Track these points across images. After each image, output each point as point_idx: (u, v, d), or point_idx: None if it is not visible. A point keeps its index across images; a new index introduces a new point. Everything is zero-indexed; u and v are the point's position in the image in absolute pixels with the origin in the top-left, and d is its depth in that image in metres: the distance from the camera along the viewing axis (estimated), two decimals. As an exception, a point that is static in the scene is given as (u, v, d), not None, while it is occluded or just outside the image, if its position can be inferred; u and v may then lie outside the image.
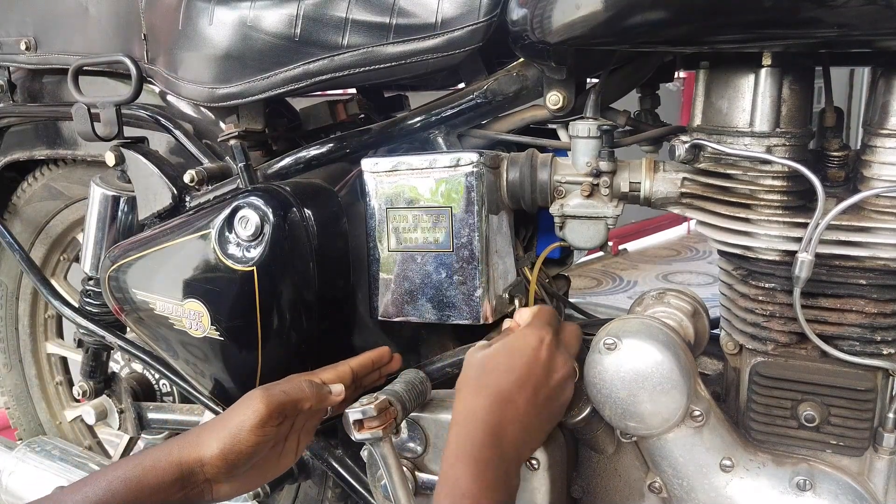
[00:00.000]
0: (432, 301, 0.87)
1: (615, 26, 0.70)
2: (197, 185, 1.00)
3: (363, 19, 0.87)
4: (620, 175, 0.82)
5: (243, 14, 0.92)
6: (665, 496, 0.81)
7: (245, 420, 0.77)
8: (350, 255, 0.92)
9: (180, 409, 1.27)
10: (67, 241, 1.50)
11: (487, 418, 0.71)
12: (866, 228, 0.70)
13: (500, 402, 0.72)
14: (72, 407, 1.64)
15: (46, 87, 1.27)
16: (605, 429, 0.82)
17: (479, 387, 0.74)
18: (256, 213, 0.85)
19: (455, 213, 0.83)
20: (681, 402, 0.74)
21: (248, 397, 0.79)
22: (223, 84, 0.95)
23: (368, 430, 0.74)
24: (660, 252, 4.66)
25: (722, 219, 0.75)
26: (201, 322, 0.90)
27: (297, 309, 0.88)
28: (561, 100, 0.85)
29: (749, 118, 0.74)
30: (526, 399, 0.73)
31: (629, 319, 0.78)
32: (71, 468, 1.27)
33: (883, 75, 0.71)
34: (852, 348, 0.73)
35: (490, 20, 0.81)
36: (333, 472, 1.04)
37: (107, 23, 1.09)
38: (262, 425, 0.77)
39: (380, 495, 0.85)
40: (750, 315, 0.76)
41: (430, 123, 0.93)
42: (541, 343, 0.76)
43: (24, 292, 1.59)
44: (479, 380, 0.75)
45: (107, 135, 1.02)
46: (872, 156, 0.71)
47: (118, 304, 1.01)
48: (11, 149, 1.35)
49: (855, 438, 0.74)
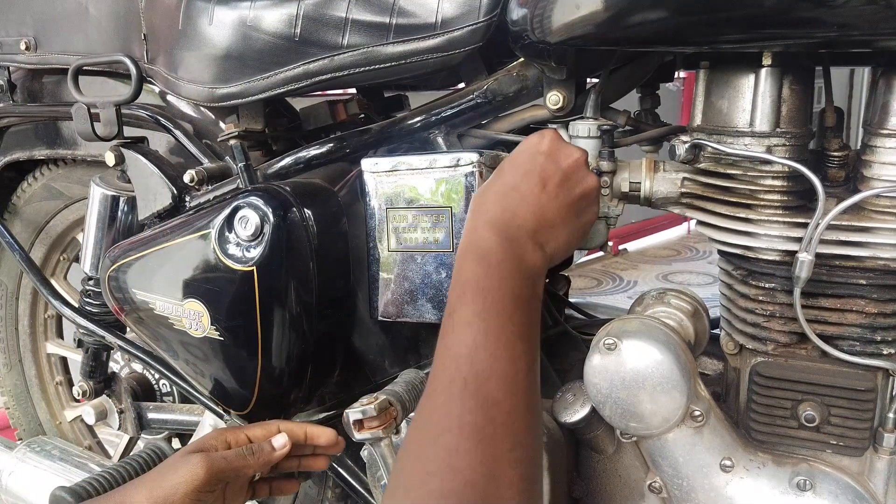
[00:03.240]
0: (432, 301, 0.87)
1: (615, 26, 0.70)
2: (197, 185, 1.00)
3: (363, 19, 0.87)
4: (620, 175, 0.81)
5: (243, 14, 0.92)
6: (665, 496, 0.81)
7: (181, 483, 0.75)
8: (350, 255, 0.92)
9: (180, 409, 1.27)
10: (67, 241, 1.50)
11: (491, 210, 0.69)
12: (866, 228, 0.70)
13: (503, 192, 0.70)
14: (72, 407, 1.64)
15: (46, 87, 1.27)
16: (605, 429, 0.82)
17: (483, 190, 0.73)
18: (256, 213, 0.86)
19: (455, 213, 0.83)
20: (681, 402, 0.74)
21: (187, 460, 0.77)
22: (223, 84, 0.95)
23: (368, 430, 0.74)
24: (660, 252, 4.66)
25: (722, 219, 0.75)
26: (201, 322, 0.91)
27: (297, 309, 0.88)
28: (561, 100, 0.85)
29: (749, 118, 0.74)
30: (532, 185, 0.71)
31: (629, 319, 0.78)
32: (71, 468, 1.27)
33: (883, 75, 0.71)
34: (852, 348, 0.73)
35: (490, 20, 0.81)
36: (333, 472, 1.04)
37: (107, 23, 1.09)
38: (198, 490, 0.75)
39: (380, 495, 0.85)
40: (750, 315, 0.76)
41: (430, 123, 0.93)
42: (541, 137, 0.74)
43: (24, 292, 1.59)
44: (485, 186, 0.74)
45: (107, 135, 1.02)
46: (872, 156, 0.71)
47: (118, 304, 1.01)
48: (11, 149, 1.35)
49: (855, 438, 0.74)
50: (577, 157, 0.75)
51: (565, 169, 0.73)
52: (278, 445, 0.83)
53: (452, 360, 0.61)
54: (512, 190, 0.71)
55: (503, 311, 0.63)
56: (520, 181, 0.71)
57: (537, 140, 0.75)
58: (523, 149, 0.75)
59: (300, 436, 0.87)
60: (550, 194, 0.71)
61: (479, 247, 0.67)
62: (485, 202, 0.71)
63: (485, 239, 0.67)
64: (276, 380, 0.90)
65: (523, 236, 0.68)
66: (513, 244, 0.67)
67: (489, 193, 0.72)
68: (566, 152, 0.75)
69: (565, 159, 0.74)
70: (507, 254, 0.66)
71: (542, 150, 0.74)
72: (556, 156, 0.74)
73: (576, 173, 0.74)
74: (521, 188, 0.71)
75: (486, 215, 0.69)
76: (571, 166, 0.74)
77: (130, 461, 1.06)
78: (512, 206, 0.70)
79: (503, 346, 0.61)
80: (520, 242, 0.68)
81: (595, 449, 0.85)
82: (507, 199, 0.70)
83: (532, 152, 0.74)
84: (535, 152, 0.74)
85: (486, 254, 0.66)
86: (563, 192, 0.73)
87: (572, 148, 0.76)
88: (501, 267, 0.65)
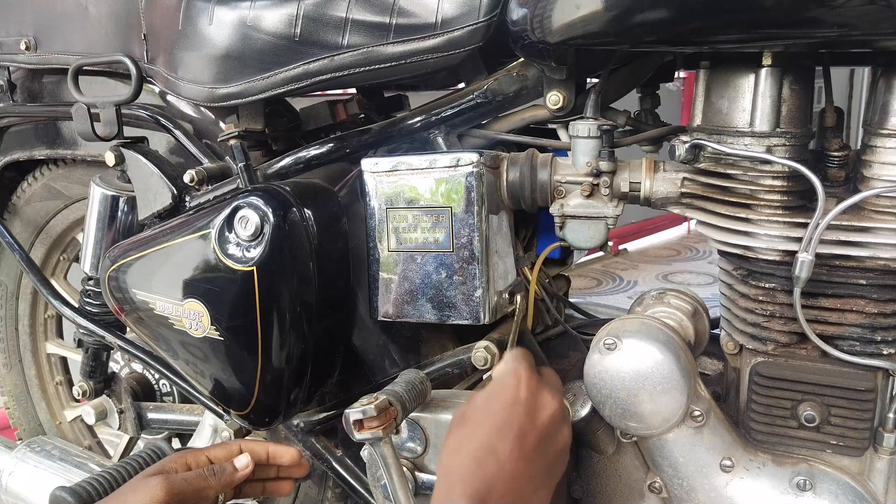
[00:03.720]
0: (432, 301, 0.87)
1: (615, 26, 0.70)
2: (197, 185, 1.00)
3: (363, 19, 0.87)
4: (620, 175, 0.82)
5: (243, 14, 0.92)
6: (665, 496, 0.81)
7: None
8: (350, 255, 0.92)
9: (180, 409, 1.27)
10: (67, 241, 1.50)
11: (468, 479, 0.65)
12: (866, 228, 0.70)
13: (480, 457, 0.66)
14: (72, 407, 1.64)
15: (46, 87, 1.27)
16: (605, 429, 0.82)
17: (457, 445, 0.68)
18: (256, 213, 0.85)
19: (455, 213, 0.83)
20: (681, 402, 0.74)
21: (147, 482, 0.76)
22: (223, 84, 0.95)
23: (368, 430, 0.73)
24: (660, 252, 4.66)
25: (722, 219, 0.75)
26: (201, 322, 0.90)
27: (297, 309, 0.88)
28: (561, 100, 0.85)
29: (749, 118, 0.74)
30: (510, 448, 0.66)
31: (629, 319, 0.78)
32: (71, 468, 1.27)
33: (883, 75, 0.71)
34: (852, 348, 0.73)
35: (490, 20, 0.81)
36: (333, 472, 1.04)
37: (107, 23, 1.09)
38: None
39: (380, 495, 0.85)
40: (750, 315, 0.76)
41: (430, 123, 0.93)
42: (518, 381, 0.71)
43: (24, 292, 1.59)
44: (459, 433, 0.69)
45: (107, 135, 1.02)
46: (872, 156, 0.71)
47: (118, 304, 1.01)
48: (11, 149, 1.35)
49: (855, 438, 0.74)
50: (552, 409, 0.71)
51: (541, 428, 0.69)
52: (240, 466, 0.82)
53: None
54: (489, 454, 0.66)
55: None
56: (497, 441, 0.67)
57: (514, 385, 0.71)
58: (500, 392, 0.71)
59: (262, 455, 0.86)
60: (527, 459, 0.67)
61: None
62: (459, 462, 0.67)
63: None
64: (276, 380, 0.90)
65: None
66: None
67: (464, 454, 0.67)
68: (543, 403, 0.71)
69: (541, 413, 0.70)
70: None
71: (519, 398, 0.70)
72: (533, 409, 0.70)
73: (552, 429, 0.71)
74: (499, 453, 0.66)
75: (463, 484, 0.65)
76: (547, 424, 0.70)
77: (130, 461, 1.05)
78: (489, 476, 0.65)
79: None
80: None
81: (595, 449, 0.85)
82: (485, 468, 0.66)
83: (509, 401, 0.69)
84: (513, 402, 0.69)
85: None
86: (539, 455, 0.69)
87: (547, 396, 0.71)
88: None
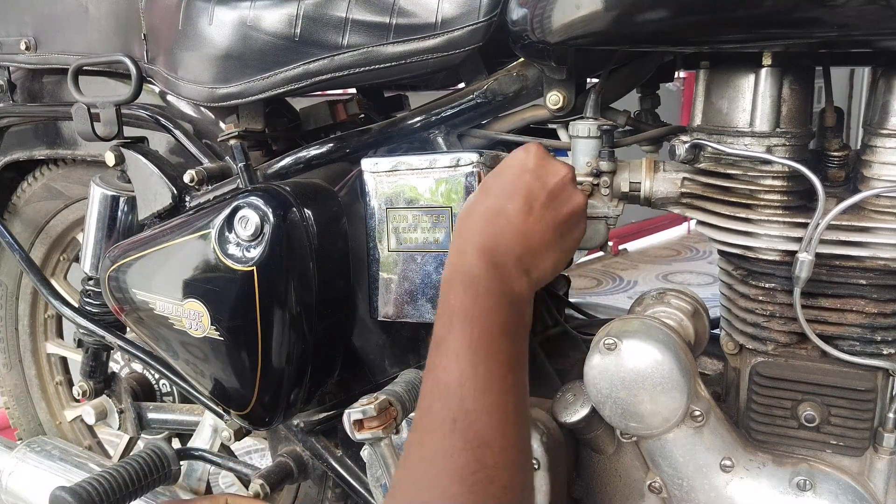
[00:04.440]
0: (432, 301, 0.87)
1: (615, 26, 0.70)
2: (197, 185, 1.00)
3: (363, 19, 0.87)
4: (620, 175, 0.81)
5: (243, 14, 0.92)
6: (665, 496, 0.81)
7: None
8: (350, 255, 0.92)
9: (180, 409, 1.27)
10: (67, 241, 1.50)
11: (477, 234, 0.68)
12: (866, 228, 0.70)
13: (489, 216, 0.69)
14: (72, 407, 1.64)
15: (46, 87, 1.27)
16: (605, 429, 0.82)
17: (469, 209, 0.71)
18: (256, 213, 0.85)
19: (455, 213, 0.83)
20: (681, 401, 0.74)
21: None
22: (223, 84, 0.95)
23: (368, 430, 0.73)
24: (660, 252, 4.66)
25: (722, 219, 0.75)
26: (201, 322, 0.91)
27: (297, 309, 0.88)
28: (561, 100, 0.85)
29: (749, 118, 0.74)
30: (518, 207, 0.69)
31: (629, 319, 0.78)
32: (71, 468, 1.27)
33: (883, 75, 0.71)
34: (852, 348, 0.73)
35: (490, 20, 0.81)
36: (333, 472, 1.04)
37: (107, 23, 1.09)
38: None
39: (380, 495, 0.85)
40: (750, 315, 0.76)
41: (430, 123, 0.93)
42: (527, 153, 0.72)
43: (24, 292, 1.59)
44: (470, 203, 0.72)
45: (107, 135, 1.02)
46: (872, 156, 0.71)
47: (118, 304, 1.01)
48: (11, 149, 1.35)
49: (855, 438, 0.74)
50: (563, 174, 0.73)
51: (551, 189, 0.72)
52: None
53: (441, 397, 0.60)
54: (498, 214, 0.69)
55: (492, 343, 0.62)
56: (506, 203, 0.70)
57: (523, 156, 0.73)
58: (509, 165, 0.73)
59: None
60: (536, 217, 0.70)
61: (466, 273, 0.66)
62: (471, 225, 0.70)
63: (472, 265, 0.66)
64: (276, 380, 0.90)
65: (510, 263, 0.67)
66: (500, 271, 0.66)
67: (475, 215, 0.71)
68: (552, 169, 0.73)
69: (551, 177, 0.72)
70: (494, 281, 0.65)
71: (528, 167, 0.72)
72: (543, 174, 0.72)
73: (562, 192, 0.72)
74: (508, 212, 0.69)
75: (473, 239, 0.68)
76: (558, 185, 0.72)
77: (130, 461, 1.06)
78: (498, 231, 0.68)
79: (492, 379, 0.61)
80: (507, 269, 0.67)
81: (595, 449, 0.85)
82: (494, 224, 0.69)
83: (518, 170, 0.72)
84: (522, 170, 0.72)
85: (474, 281, 0.65)
86: (549, 214, 0.71)
87: (558, 164, 0.74)
88: (489, 296, 0.64)
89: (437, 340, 0.64)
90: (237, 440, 1.14)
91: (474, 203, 0.72)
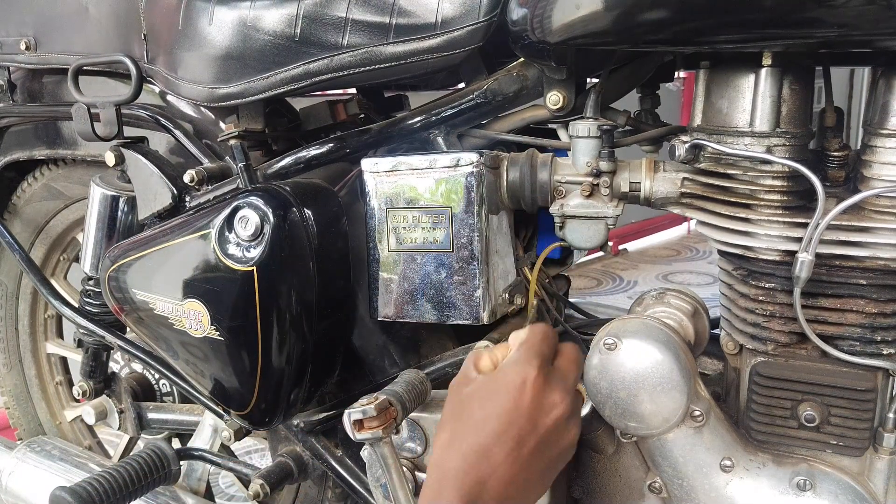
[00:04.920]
0: (432, 301, 0.87)
1: (615, 26, 0.70)
2: (197, 185, 1.00)
3: (363, 19, 0.87)
4: (620, 175, 0.81)
5: (243, 14, 0.92)
6: (665, 496, 0.81)
7: None
8: (350, 255, 0.92)
9: (180, 409, 1.27)
10: (67, 241, 1.50)
11: (459, 479, 0.62)
12: (866, 228, 0.70)
13: (472, 460, 0.63)
14: (72, 407, 1.64)
15: (46, 87, 1.27)
16: (605, 429, 0.82)
17: (452, 438, 0.66)
18: (256, 213, 0.85)
19: (455, 213, 0.83)
20: (681, 402, 0.74)
21: None
22: (223, 84, 0.95)
23: (368, 430, 0.73)
24: (660, 252, 4.66)
25: (722, 219, 0.75)
26: (201, 322, 0.90)
27: (297, 309, 0.88)
28: (561, 100, 0.85)
29: (749, 118, 0.74)
30: (506, 453, 0.63)
31: (629, 319, 0.78)
32: (71, 468, 1.27)
33: (883, 75, 0.71)
34: (852, 348, 0.73)
35: (490, 20, 0.81)
36: (333, 472, 1.04)
37: (107, 23, 1.09)
38: None
39: (380, 495, 0.85)
40: (750, 315, 0.76)
41: (430, 123, 0.93)
42: (523, 384, 0.66)
43: (24, 292, 1.59)
44: (454, 428, 0.66)
45: (107, 135, 1.02)
46: (872, 156, 0.71)
47: (118, 304, 1.01)
48: (11, 149, 1.35)
49: (855, 438, 0.73)
50: (558, 413, 0.67)
51: (543, 433, 0.65)
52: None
53: None
54: (483, 457, 0.63)
55: None
56: (493, 444, 0.63)
57: (518, 386, 0.66)
58: (501, 392, 0.66)
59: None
60: (524, 463, 0.64)
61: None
62: (451, 461, 0.64)
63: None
64: (276, 380, 0.90)
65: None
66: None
67: (456, 450, 0.64)
68: (548, 406, 0.66)
69: (546, 418, 0.66)
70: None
71: (521, 404, 0.65)
72: (537, 414, 0.65)
73: (555, 433, 0.67)
74: (494, 456, 0.63)
75: (454, 483, 0.62)
76: (551, 428, 0.66)
77: (130, 461, 1.06)
78: (482, 477, 0.62)
79: None
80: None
81: (595, 449, 0.85)
82: (478, 469, 0.63)
83: (510, 405, 0.65)
84: (514, 406, 0.65)
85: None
86: (537, 459, 0.65)
87: (556, 396, 0.67)
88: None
89: None
90: (237, 440, 1.14)
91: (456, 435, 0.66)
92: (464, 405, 0.67)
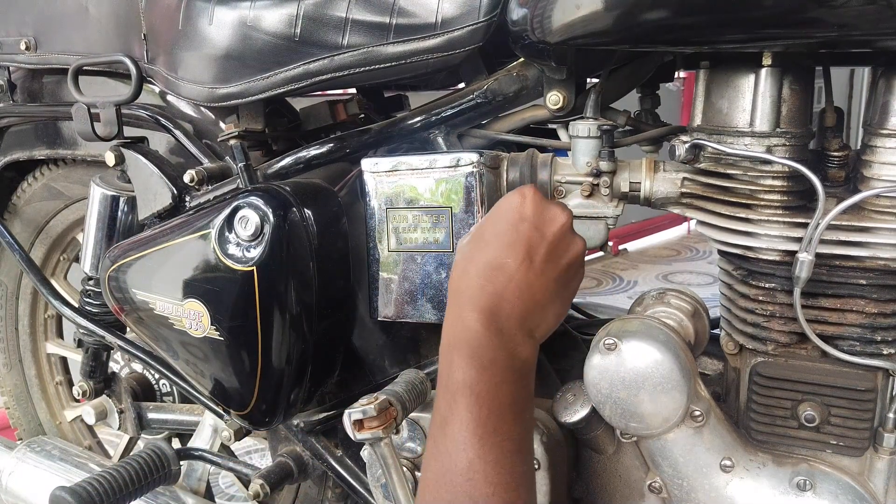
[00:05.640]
0: (432, 301, 0.87)
1: (615, 26, 0.70)
2: (197, 185, 1.00)
3: (363, 19, 0.87)
4: (620, 175, 0.81)
5: (243, 14, 0.92)
6: (665, 496, 0.81)
7: None
8: (350, 255, 0.92)
9: (180, 409, 1.27)
10: (67, 241, 1.50)
11: (477, 295, 0.64)
12: (866, 228, 0.70)
13: (488, 274, 0.65)
14: (72, 407, 1.64)
15: (46, 87, 1.27)
16: (605, 429, 0.82)
17: (464, 265, 0.67)
18: (256, 213, 0.86)
19: (455, 214, 0.83)
20: (681, 402, 0.74)
21: None
22: (223, 84, 0.95)
23: (368, 430, 0.73)
24: (660, 252, 4.66)
25: (722, 219, 0.75)
26: (201, 322, 0.91)
27: (297, 309, 0.88)
28: (561, 100, 0.85)
29: (749, 118, 0.74)
30: (519, 261, 0.65)
31: (629, 319, 0.78)
32: (71, 468, 1.27)
33: (883, 75, 0.71)
34: (852, 348, 0.73)
35: (490, 20, 0.81)
36: (333, 472, 1.04)
37: (107, 23, 1.09)
38: None
39: (380, 495, 0.85)
40: (750, 315, 0.76)
41: (430, 123, 0.93)
42: (523, 199, 0.69)
43: (24, 292, 1.59)
44: (465, 257, 0.68)
45: (107, 135, 1.02)
46: (872, 156, 0.71)
47: (118, 304, 1.01)
48: (11, 149, 1.35)
49: (855, 438, 0.74)
50: (562, 222, 0.70)
51: (551, 239, 0.68)
52: None
53: (447, 488, 0.58)
54: (497, 269, 0.65)
55: (500, 425, 0.59)
56: (505, 256, 0.66)
57: (519, 201, 0.69)
58: (504, 211, 0.70)
59: None
60: (538, 271, 0.66)
61: (468, 342, 0.62)
62: (468, 282, 0.66)
63: (474, 332, 0.63)
64: (276, 380, 0.90)
65: (514, 326, 0.64)
66: (504, 337, 0.63)
67: (472, 271, 0.66)
68: (550, 216, 0.69)
69: (551, 226, 0.69)
70: (499, 351, 0.62)
71: (525, 215, 0.68)
72: (541, 222, 0.68)
73: (562, 241, 0.69)
74: (508, 267, 0.65)
75: (472, 301, 0.64)
76: (557, 234, 0.69)
77: (130, 461, 1.06)
78: (499, 289, 0.64)
79: (501, 469, 0.58)
80: (511, 334, 0.63)
81: (595, 449, 0.85)
82: (494, 282, 0.65)
83: (515, 218, 0.68)
84: (519, 218, 0.68)
85: (477, 350, 0.61)
86: (551, 266, 0.68)
87: (556, 209, 0.70)
88: (494, 368, 0.61)
89: (440, 420, 0.61)
90: (237, 440, 1.14)
91: (469, 255, 0.68)
92: (473, 235, 0.70)
